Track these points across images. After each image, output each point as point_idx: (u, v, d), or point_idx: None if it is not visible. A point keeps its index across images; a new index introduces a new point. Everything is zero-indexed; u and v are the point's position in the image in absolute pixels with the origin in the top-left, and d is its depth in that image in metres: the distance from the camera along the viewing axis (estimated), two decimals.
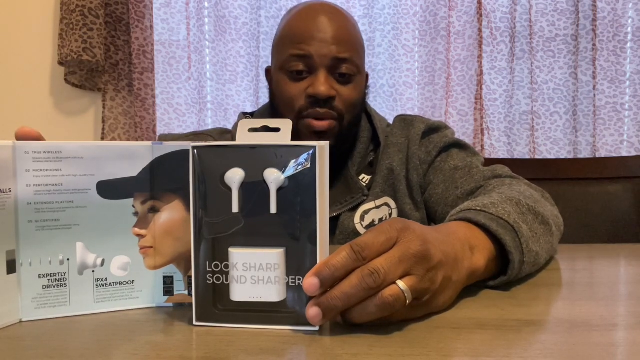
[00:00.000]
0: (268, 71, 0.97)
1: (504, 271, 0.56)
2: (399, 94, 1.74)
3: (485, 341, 0.41)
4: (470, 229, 0.55)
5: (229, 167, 0.43)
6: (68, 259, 0.47)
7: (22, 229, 0.46)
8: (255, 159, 0.43)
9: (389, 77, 1.75)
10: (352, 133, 0.94)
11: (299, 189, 0.43)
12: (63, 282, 0.47)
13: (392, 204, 0.93)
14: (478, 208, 0.58)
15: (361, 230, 0.91)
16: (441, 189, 0.90)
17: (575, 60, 1.69)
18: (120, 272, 0.49)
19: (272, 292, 0.43)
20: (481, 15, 1.71)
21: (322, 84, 0.85)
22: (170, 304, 0.50)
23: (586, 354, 0.38)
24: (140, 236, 0.49)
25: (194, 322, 0.45)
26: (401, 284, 0.41)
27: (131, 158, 0.48)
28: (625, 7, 1.68)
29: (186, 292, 0.50)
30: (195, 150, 0.43)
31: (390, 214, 0.93)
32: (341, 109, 0.88)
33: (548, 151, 1.71)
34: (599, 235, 1.24)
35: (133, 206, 0.48)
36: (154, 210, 0.49)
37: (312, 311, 0.41)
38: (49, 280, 0.47)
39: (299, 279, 0.43)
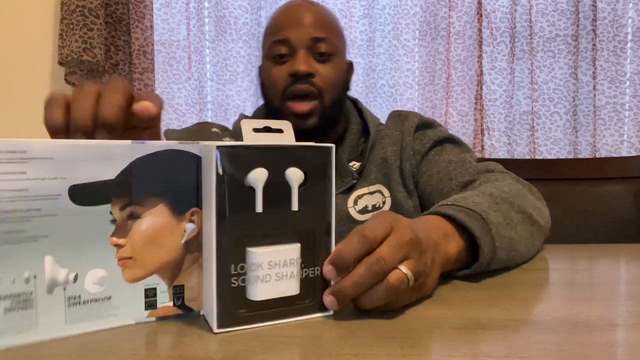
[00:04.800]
0: (260, 68, 1.03)
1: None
2: (399, 94, 1.74)
3: (485, 341, 0.41)
4: (441, 220, 0.58)
5: (252, 167, 0.43)
6: (35, 276, 0.40)
7: None
8: (276, 158, 0.44)
9: (389, 77, 1.75)
10: (335, 115, 0.98)
11: (315, 186, 0.45)
12: (29, 304, 0.40)
13: (386, 192, 0.97)
14: (449, 203, 0.62)
15: (354, 213, 0.95)
16: (435, 181, 0.92)
17: (575, 60, 1.69)
18: (96, 288, 0.43)
19: (293, 286, 0.45)
20: (481, 16, 1.71)
21: (301, 63, 0.91)
22: (153, 319, 0.45)
23: (586, 354, 0.38)
24: (118, 246, 0.43)
25: (216, 330, 0.43)
26: (403, 268, 0.45)
27: (108, 159, 0.42)
28: (625, 7, 1.68)
29: (171, 304, 0.46)
30: (219, 151, 0.42)
31: (384, 202, 0.96)
32: (321, 86, 0.93)
33: (548, 151, 1.71)
34: (599, 235, 1.24)
35: (110, 213, 0.43)
36: (134, 216, 0.44)
37: (328, 299, 0.45)
38: (11, 302, 0.39)
39: (312, 270, 0.46)
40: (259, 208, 0.44)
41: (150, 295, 0.45)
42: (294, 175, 0.44)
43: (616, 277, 0.63)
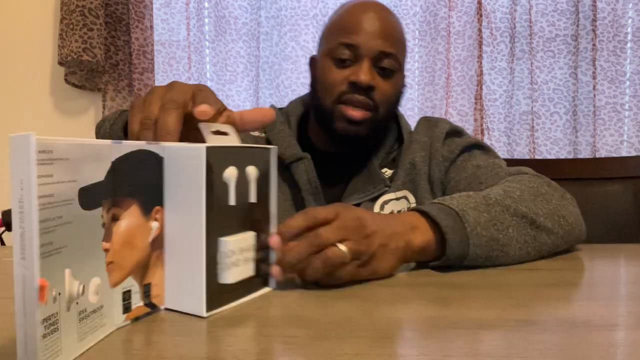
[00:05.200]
0: (312, 59, 1.01)
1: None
2: None
3: (485, 341, 0.41)
4: (414, 215, 0.64)
5: (226, 165, 0.48)
6: (60, 293, 0.36)
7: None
8: (241, 158, 0.50)
9: None
10: (382, 128, 0.97)
11: (263, 182, 0.53)
12: (55, 326, 0.35)
13: (411, 198, 0.96)
14: (436, 201, 0.66)
15: None
16: (463, 186, 0.92)
17: (575, 60, 1.69)
18: (95, 298, 0.40)
19: (251, 268, 0.52)
20: (481, 16, 1.71)
21: (365, 73, 0.89)
22: (129, 322, 0.45)
23: (586, 354, 0.38)
24: (106, 251, 0.42)
25: (205, 314, 0.47)
26: (340, 245, 0.53)
27: (100, 159, 0.40)
28: (625, 7, 1.68)
29: (142, 303, 0.46)
30: (207, 150, 0.46)
31: (409, 208, 0.95)
32: (377, 100, 0.91)
33: (548, 151, 1.71)
34: (599, 235, 1.24)
35: (102, 216, 0.41)
36: (115, 218, 0.42)
37: (275, 269, 0.53)
38: (45, 327, 0.34)
39: (260, 253, 0.53)
40: (232, 201, 0.49)
41: (127, 298, 0.45)
42: (253, 172, 0.52)
43: (616, 277, 0.63)
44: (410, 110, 1.74)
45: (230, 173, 0.49)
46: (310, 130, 1.02)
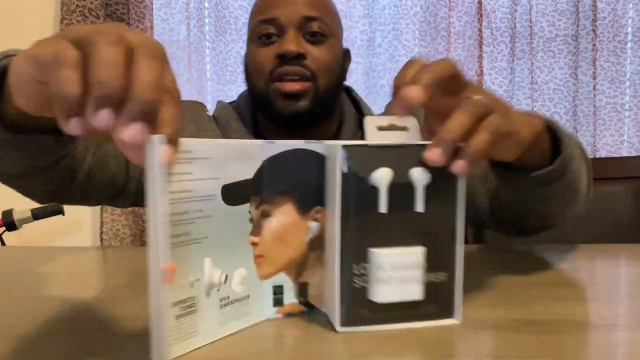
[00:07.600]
0: (245, 54, 0.95)
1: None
2: None
3: (486, 341, 0.41)
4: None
5: (376, 166, 0.42)
6: (198, 279, 0.40)
7: None
8: (401, 158, 0.42)
9: (389, 77, 1.75)
10: (330, 103, 0.89)
11: (440, 186, 0.43)
12: (193, 308, 0.40)
13: None
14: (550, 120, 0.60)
15: None
16: None
17: (575, 61, 1.70)
18: (240, 287, 0.44)
19: (416, 290, 0.43)
20: (481, 16, 1.71)
21: (290, 42, 0.82)
22: (280, 316, 0.46)
23: (586, 354, 0.38)
24: (254, 244, 0.44)
25: (339, 328, 0.43)
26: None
27: (247, 158, 0.43)
28: (625, 7, 1.68)
29: (296, 301, 0.47)
30: (344, 150, 0.42)
31: None
32: (313, 68, 0.84)
33: None
34: (599, 235, 1.23)
35: (249, 212, 0.44)
36: (265, 215, 0.45)
37: (430, 153, 0.41)
38: (180, 309, 0.39)
39: (437, 275, 0.44)
40: (383, 208, 0.42)
41: (278, 293, 0.46)
42: (418, 175, 0.43)
43: (616, 277, 0.63)
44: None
45: (382, 175, 0.42)
46: (261, 125, 0.93)
